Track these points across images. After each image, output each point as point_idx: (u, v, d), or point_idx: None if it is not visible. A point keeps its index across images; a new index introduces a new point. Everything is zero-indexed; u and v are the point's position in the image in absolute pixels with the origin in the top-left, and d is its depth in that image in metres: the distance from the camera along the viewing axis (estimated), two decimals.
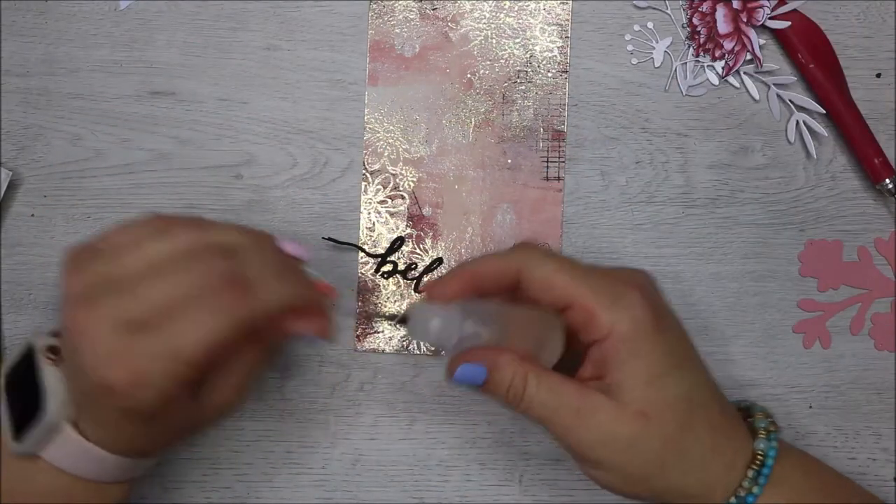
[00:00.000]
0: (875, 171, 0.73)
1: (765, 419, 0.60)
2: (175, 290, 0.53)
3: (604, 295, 0.57)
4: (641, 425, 0.56)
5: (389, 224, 0.74)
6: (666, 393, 0.57)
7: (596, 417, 0.56)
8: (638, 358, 0.56)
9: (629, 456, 0.57)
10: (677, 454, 0.57)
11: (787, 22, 0.73)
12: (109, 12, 0.75)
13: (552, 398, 0.57)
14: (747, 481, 0.57)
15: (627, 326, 0.56)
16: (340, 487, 0.74)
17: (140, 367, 0.52)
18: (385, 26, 0.75)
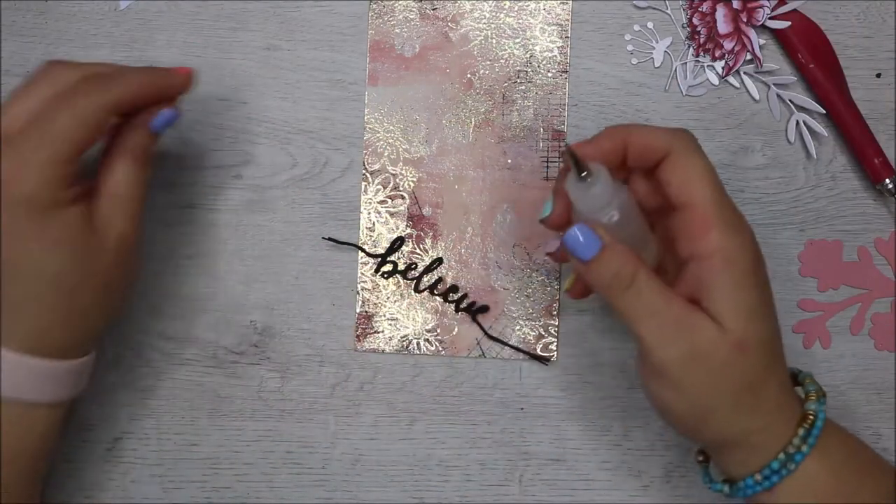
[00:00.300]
0: (875, 171, 0.73)
1: (813, 384, 0.60)
2: (40, 98, 0.59)
3: (725, 214, 0.56)
4: (737, 355, 0.55)
5: (389, 224, 0.74)
6: (762, 330, 0.56)
7: (697, 334, 0.55)
8: (742, 289, 0.55)
9: (713, 382, 0.56)
10: (754, 396, 0.57)
11: (787, 22, 0.73)
12: (109, 12, 0.75)
13: (657, 300, 0.56)
14: (798, 439, 0.57)
15: (737, 253, 0.55)
16: (340, 487, 0.74)
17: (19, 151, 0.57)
18: (385, 26, 0.75)
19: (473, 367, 0.74)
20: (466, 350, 0.74)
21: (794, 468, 0.56)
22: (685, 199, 0.57)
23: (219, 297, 0.75)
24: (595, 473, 0.74)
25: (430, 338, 0.74)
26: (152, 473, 0.74)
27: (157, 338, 0.74)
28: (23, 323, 0.58)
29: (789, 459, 0.56)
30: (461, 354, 0.74)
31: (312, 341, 0.74)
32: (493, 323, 0.74)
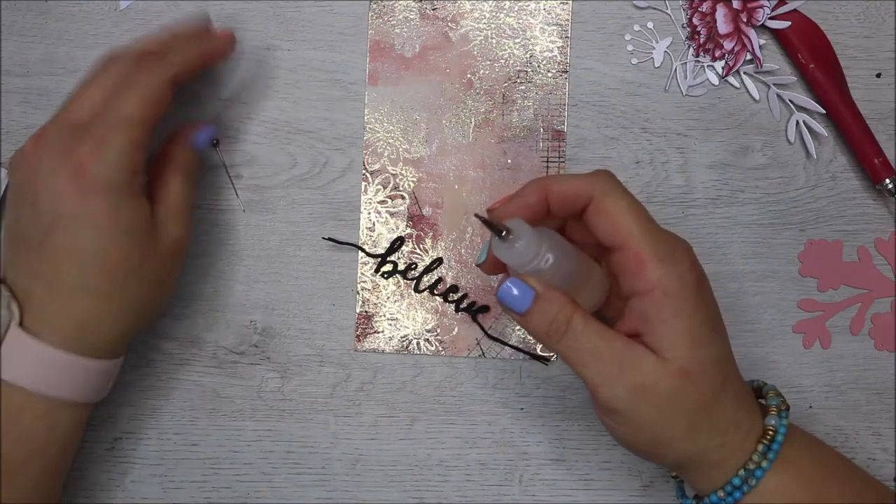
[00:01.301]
0: (875, 171, 0.73)
1: (776, 397, 0.60)
2: (103, 88, 0.62)
3: (659, 246, 0.56)
4: (682, 383, 0.56)
5: (389, 224, 0.74)
6: (707, 355, 0.56)
7: (638, 368, 0.56)
8: (682, 317, 0.56)
9: (663, 412, 0.56)
10: (707, 418, 0.57)
11: (787, 22, 0.73)
12: (109, 12, 0.75)
13: (596, 341, 0.57)
14: (757, 455, 0.57)
15: (675, 283, 0.56)
16: (340, 487, 0.74)
17: (95, 134, 0.60)
18: (385, 26, 0.75)
19: (473, 367, 0.74)
20: (466, 350, 0.74)
21: (756, 483, 0.57)
22: (615, 241, 0.57)
23: (219, 297, 0.75)
24: (595, 473, 0.74)
25: (430, 338, 0.74)
26: (152, 473, 0.74)
27: (157, 338, 0.74)
28: (71, 313, 0.60)
29: (750, 475, 0.57)
30: (461, 354, 0.74)
31: (312, 341, 0.74)
32: (493, 323, 0.74)
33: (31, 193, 0.60)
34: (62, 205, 0.59)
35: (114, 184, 0.59)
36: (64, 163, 0.59)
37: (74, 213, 0.59)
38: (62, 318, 0.60)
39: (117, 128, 0.59)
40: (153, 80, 0.61)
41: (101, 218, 0.59)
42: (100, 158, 0.58)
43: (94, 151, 0.59)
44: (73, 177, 0.58)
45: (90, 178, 0.58)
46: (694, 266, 0.57)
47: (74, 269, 0.59)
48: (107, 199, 0.59)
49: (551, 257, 0.56)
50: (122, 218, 0.60)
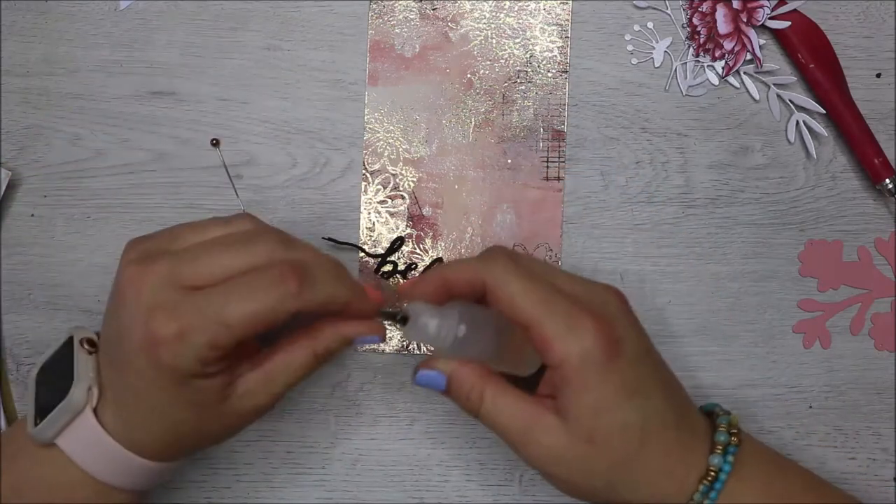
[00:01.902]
0: (875, 171, 0.73)
1: (726, 432, 0.60)
2: (234, 262, 0.56)
3: (559, 323, 0.57)
4: (588, 450, 0.57)
5: (389, 224, 0.74)
6: (613, 422, 0.57)
7: (545, 437, 0.58)
8: (586, 390, 0.57)
9: (577, 474, 0.58)
10: (625, 476, 0.58)
11: (787, 22, 0.73)
12: (109, 12, 0.75)
13: (504, 416, 0.59)
14: (697, 495, 0.58)
15: (577, 359, 0.56)
16: (340, 487, 0.74)
17: (185, 321, 0.54)
18: (385, 26, 0.75)
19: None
20: None
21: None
22: (520, 321, 0.58)
23: None
24: None
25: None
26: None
27: None
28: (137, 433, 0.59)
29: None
30: None
31: None
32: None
33: (119, 319, 0.57)
34: (135, 358, 0.56)
35: (181, 371, 0.55)
36: (146, 326, 0.55)
37: (142, 371, 0.56)
38: (128, 430, 0.59)
39: (210, 328, 0.54)
40: (279, 305, 0.55)
41: (166, 388, 0.57)
42: (176, 348, 0.54)
43: (174, 339, 0.54)
44: (148, 346, 0.55)
45: (160, 359, 0.55)
46: (600, 333, 0.57)
47: (140, 408, 0.58)
48: (172, 378, 0.56)
49: (464, 328, 0.58)
50: (182, 396, 0.57)
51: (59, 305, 0.74)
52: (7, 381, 0.74)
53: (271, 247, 0.57)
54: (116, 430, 0.59)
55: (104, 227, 0.74)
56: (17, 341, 0.74)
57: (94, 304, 0.74)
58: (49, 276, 0.74)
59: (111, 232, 0.74)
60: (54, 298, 0.74)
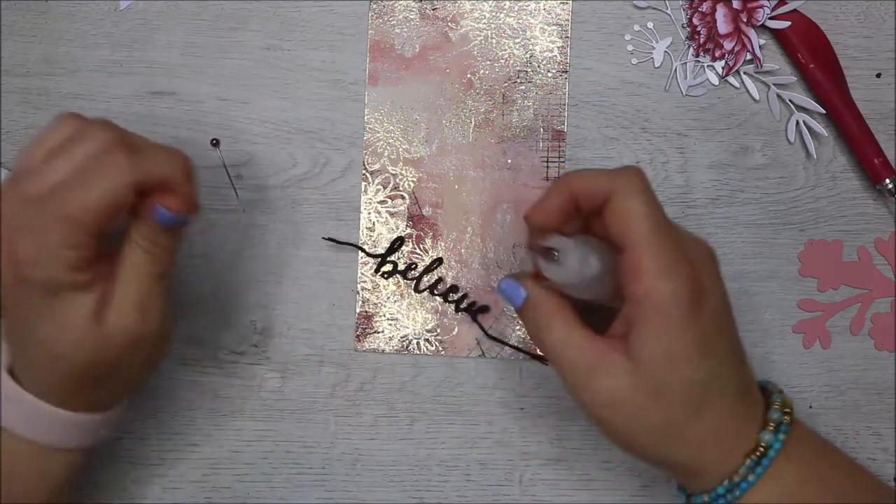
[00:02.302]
0: (875, 171, 0.73)
1: (780, 410, 0.59)
2: (70, 162, 0.57)
3: (660, 258, 0.56)
4: (651, 400, 0.56)
5: (389, 224, 0.74)
6: (682, 376, 0.56)
7: (610, 379, 0.56)
8: (664, 335, 0.55)
9: (633, 424, 0.57)
10: (677, 434, 0.57)
11: (787, 22, 0.73)
12: (109, 12, 0.75)
13: (571, 349, 0.58)
14: (744, 468, 0.57)
15: (664, 298, 0.55)
16: (340, 487, 0.74)
17: (35, 230, 0.55)
18: (385, 26, 0.75)
19: (473, 367, 0.74)
20: (466, 350, 0.74)
21: (740, 495, 0.57)
22: (622, 242, 0.57)
23: (219, 297, 0.74)
24: (595, 473, 0.74)
25: (430, 338, 0.74)
26: (152, 473, 0.74)
27: None
28: (38, 382, 0.59)
29: (734, 487, 0.57)
30: (461, 354, 0.74)
31: (312, 341, 0.74)
32: (494, 323, 0.74)
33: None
34: (5, 291, 0.57)
35: (49, 284, 0.55)
36: (7, 253, 0.56)
37: (15, 302, 0.57)
38: (35, 382, 0.59)
39: (61, 226, 0.55)
40: (118, 180, 0.56)
41: (39, 313, 0.56)
42: (35, 257, 0.55)
43: (31, 248, 0.55)
44: (12, 267, 0.55)
45: (26, 276, 0.55)
46: (692, 282, 0.56)
47: (29, 350, 0.58)
48: (42, 297, 0.56)
49: (597, 263, 0.58)
50: (58, 317, 0.57)
51: None
52: None
53: (100, 135, 0.58)
54: (30, 386, 0.59)
55: None
56: None
57: None
58: None
59: None
60: None
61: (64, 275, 0.55)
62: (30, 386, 0.59)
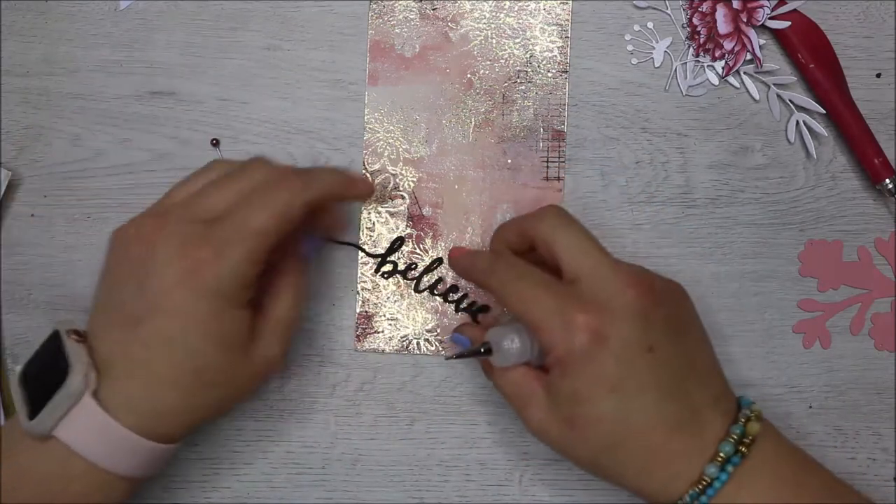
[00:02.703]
0: (875, 171, 0.73)
1: (733, 443, 0.59)
2: (239, 191, 0.62)
3: (554, 315, 0.59)
4: (568, 433, 0.60)
5: (389, 224, 0.74)
6: (589, 412, 0.59)
7: (535, 411, 0.62)
8: (567, 377, 0.59)
9: (565, 452, 0.62)
10: (607, 463, 0.60)
11: (787, 22, 0.73)
12: (109, 12, 0.75)
13: (507, 384, 0.64)
14: (687, 497, 0.58)
15: (563, 349, 0.59)
16: (340, 487, 0.74)
17: (217, 242, 0.58)
18: (385, 26, 0.75)
19: (474, 366, 0.74)
20: None
21: (713, 498, 0.58)
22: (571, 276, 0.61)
23: None
24: None
25: (430, 338, 0.74)
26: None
27: None
28: (151, 402, 0.59)
29: (702, 492, 0.58)
30: None
31: (312, 341, 0.74)
32: (494, 323, 0.74)
33: (141, 272, 0.59)
34: (169, 298, 0.58)
35: (223, 294, 0.58)
36: (182, 257, 0.58)
37: (179, 310, 0.58)
38: (140, 403, 0.59)
39: (242, 239, 0.59)
40: (291, 199, 0.61)
41: (205, 323, 0.58)
42: (218, 266, 0.58)
43: (214, 258, 0.58)
44: (187, 275, 0.58)
45: (203, 283, 0.58)
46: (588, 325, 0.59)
47: (166, 361, 0.58)
48: (213, 306, 0.58)
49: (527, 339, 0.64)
50: (224, 328, 0.59)
51: (59, 305, 0.74)
52: (7, 381, 0.74)
53: (262, 167, 0.64)
54: (127, 413, 0.58)
55: (104, 227, 0.74)
56: (17, 341, 0.74)
57: None
58: (49, 276, 0.75)
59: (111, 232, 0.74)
60: (54, 298, 0.74)
61: (236, 289, 0.59)
62: (129, 412, 0.59)
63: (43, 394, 0.58)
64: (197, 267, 0.57)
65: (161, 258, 0.58)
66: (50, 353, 0.60)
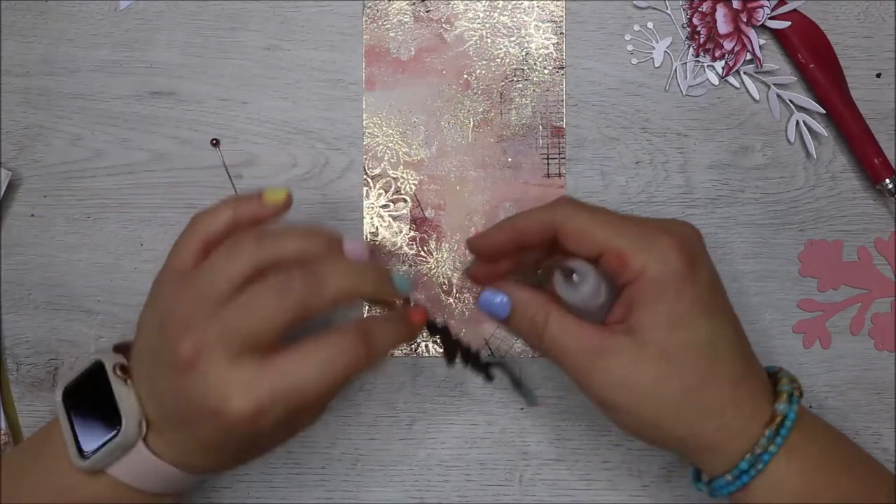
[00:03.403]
0: (875, 171, 0.73)
1: (789, 384, 0.59)
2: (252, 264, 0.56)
3: (636, 240, 0.57)
4: (661, 368, 0.56)
5: (393, 228, 0.74)
6: (688, 337, 0.56)
7: (615, 359, 0.56)
8: (663, 301, 0.56)
9: (647, 400, 0.57)
10: (695, 402, 0.57)
11: (787, 22, 0.73)
12: (109, 12, 0.75)
13: (571, 339, 0.58)
14: (764, 440, 0.56)
15: (657, 269, 0.56)
16: (340, 487, 0.74)
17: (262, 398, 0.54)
18: (380, 30, 0.75)
19: None
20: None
21: (763, 468, 0.57)
22: (594, 251, 0.58)
23: None
24: (595, 473, 0.74)
25: (436, 339, 0.74)
26: None
27: None
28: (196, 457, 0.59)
29: (757, 460, 0.56)
30: None
31: None
32: (496, 329, 0.74)
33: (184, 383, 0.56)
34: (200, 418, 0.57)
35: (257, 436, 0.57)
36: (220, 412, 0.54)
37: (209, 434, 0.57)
38: (185, 453, 0.59)
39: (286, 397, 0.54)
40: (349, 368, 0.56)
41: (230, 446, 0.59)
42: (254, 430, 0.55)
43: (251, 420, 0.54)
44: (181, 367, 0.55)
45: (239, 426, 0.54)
46: (680, 251, 0.57)
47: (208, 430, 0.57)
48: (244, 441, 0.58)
49: (605, 294, 0.59)
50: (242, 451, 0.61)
51: (59, 305, 0.75)
52: (7, 381, 0.74)
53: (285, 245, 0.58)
54: (168, 455, 0.59)
55: (104, 227, 0.75)
56: (17, 341, 0.75)
57: (95, 304, 0.75)
58: (49, 276, 0.75)
59: (111, 232, 0.74)
60: (54, 298, 0.75)
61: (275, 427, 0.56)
62: (165, 452, 0.59)
63: (93, 429, 0.59)
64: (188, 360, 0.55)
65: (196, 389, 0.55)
66: (94, 385, 0.60)
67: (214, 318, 0.55)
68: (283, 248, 0.57)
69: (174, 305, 0.57)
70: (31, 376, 0.75)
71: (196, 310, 0.55)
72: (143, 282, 0.74)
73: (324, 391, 0.55)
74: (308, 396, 0.54)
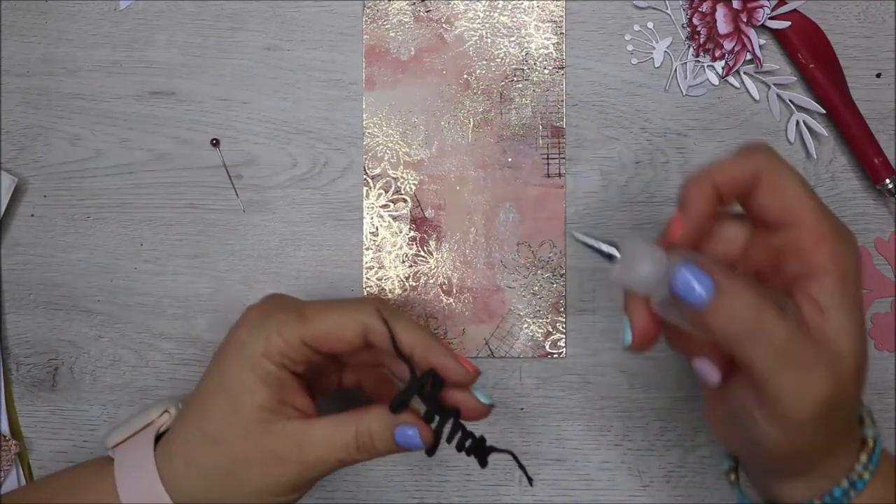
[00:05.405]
0: (875, 171, 0.73)
1: (864, 406, 0.55)
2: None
3: (833, 223, 0.51)
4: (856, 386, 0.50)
5: (393, 228, 0.74)
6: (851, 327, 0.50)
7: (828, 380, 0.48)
8: (857, 303, 0.50)
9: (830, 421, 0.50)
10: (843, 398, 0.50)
11: (787, 22, 0.73)
12: (109, 12, 0.75)
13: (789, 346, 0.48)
14: (860, 465, 0.52)
15: (850, 264, 0.51)
16: (340, 487, 0.74)
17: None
18: (379, 30, 0.75)
19: None
20: (475, 350, 0.74)
21: (855, 496, 0.52)
22: (791, 218, 0.52)
23: (219, 297, 0.75)
24: (595, 473, 0.74)
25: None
26: None
27: (157, 338, 0.74)
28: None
29: (852, 486, 0.52)
30: (469, 355, 0.74)
31: None
32: (501, 322, 0.74)
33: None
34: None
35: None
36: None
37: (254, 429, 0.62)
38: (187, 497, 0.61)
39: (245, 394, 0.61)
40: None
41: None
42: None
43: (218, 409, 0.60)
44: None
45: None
46: (857, 247, 0.52)
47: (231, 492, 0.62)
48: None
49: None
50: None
51: (59, 305, 0.75)
52: (7, 382, 0.74)
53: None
54: (178, 497, 0.60)
55: (104, 227, 0.75)
56: (17, 341, 0.75)
57: (95, 305, 0.75)
58: (49, 276, 0.75)
59: (111, 232, 0.74)
60: (54, 298, 0.75)
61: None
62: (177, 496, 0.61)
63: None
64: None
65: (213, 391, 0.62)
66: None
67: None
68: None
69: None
70: (31, 376, 0.75)
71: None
72: (143, 282, 0.74)
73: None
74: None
